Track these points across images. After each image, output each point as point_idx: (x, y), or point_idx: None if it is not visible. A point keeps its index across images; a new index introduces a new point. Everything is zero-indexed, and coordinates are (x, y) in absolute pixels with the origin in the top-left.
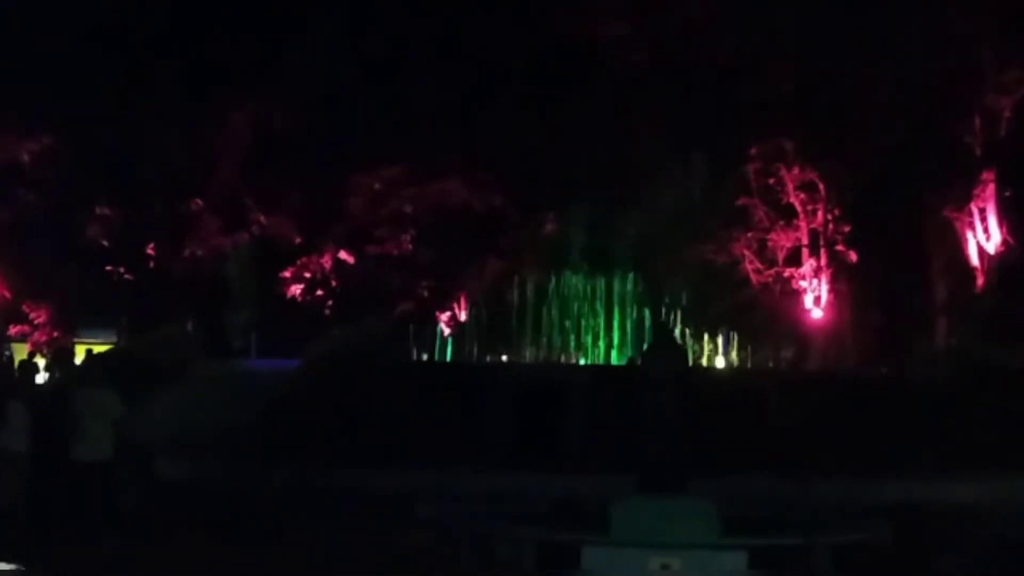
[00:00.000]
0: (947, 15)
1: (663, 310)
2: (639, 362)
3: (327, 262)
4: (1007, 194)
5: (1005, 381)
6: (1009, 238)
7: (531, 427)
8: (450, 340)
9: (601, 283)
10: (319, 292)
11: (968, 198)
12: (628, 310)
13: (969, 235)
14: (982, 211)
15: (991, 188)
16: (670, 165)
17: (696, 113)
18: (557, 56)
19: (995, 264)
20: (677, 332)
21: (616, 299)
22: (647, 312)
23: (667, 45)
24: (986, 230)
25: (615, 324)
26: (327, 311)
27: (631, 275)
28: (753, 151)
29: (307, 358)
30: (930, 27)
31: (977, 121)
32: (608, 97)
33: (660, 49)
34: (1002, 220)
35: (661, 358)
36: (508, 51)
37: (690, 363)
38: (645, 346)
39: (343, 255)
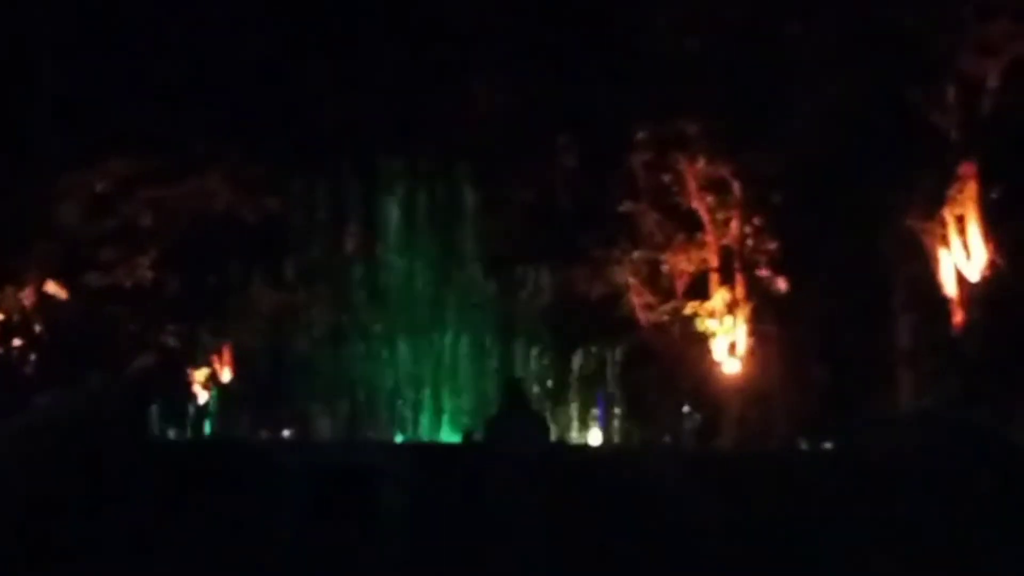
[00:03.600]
0: None
1: (514, 364)
2: (481, 437)
3: (28, 298)
4: (994, 196)
5: (1002, 456)
6: (997, 258)
7: (324, 535)
8: (210, 408)
9: (425, 327)
10: (16, 341)
11: (940, 201)
12: (464, 364)
13: (942, 253)
14: (960, 220)
15: (972, 187)
16: (522, 154)
17: (559, 79)
18: None
19: (978, 293)
20: (535, 393)
21: (447, 349)
22: (492, 366)
23: None
24: (965, 246)
25: (444, 384)
26: (27, 368)
27: (470, 313)
28: (640, 135)
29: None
30: None
31: (951, 93)
32: (433, 51)
33: None
34: (987, 232)
35: (514, 430)
36: None
37: (553, 438)
38: (491, 414)
39: (51, 287)
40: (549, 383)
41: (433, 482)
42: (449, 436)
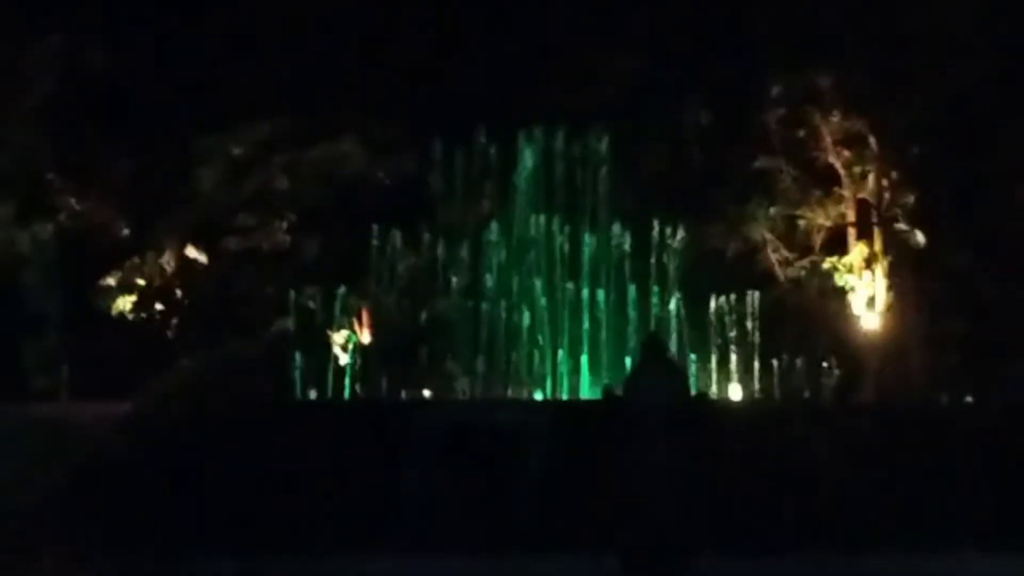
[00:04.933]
0: None
1: (651, 320)
2: (620, 393)
3: (168, 264)
4: None
5: None
6: None
7: (468, 489)
8: (349, 369)
9: (562, 285)
10: (157, 306)
11: None
12: (602, 321)
13: None
14: None
15: None
16: (655, 109)
17: (692, 34)
18: None
19: None
20: (673, 349)
21: (584, 306)
22: (630, 323)
23: None
24: None
25: (584, 340)
26: (169, 333)
27: (605, 272)
28: (775, 90)
29: (142, 399)
30: None
31: None
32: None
33: None
34: None
35: (653, 386)
36: None
37: (693, 393)
38: (629, 370)
39: (190, 252)
40: (688, 339)
41: (573, 437)
42: (589, 392)
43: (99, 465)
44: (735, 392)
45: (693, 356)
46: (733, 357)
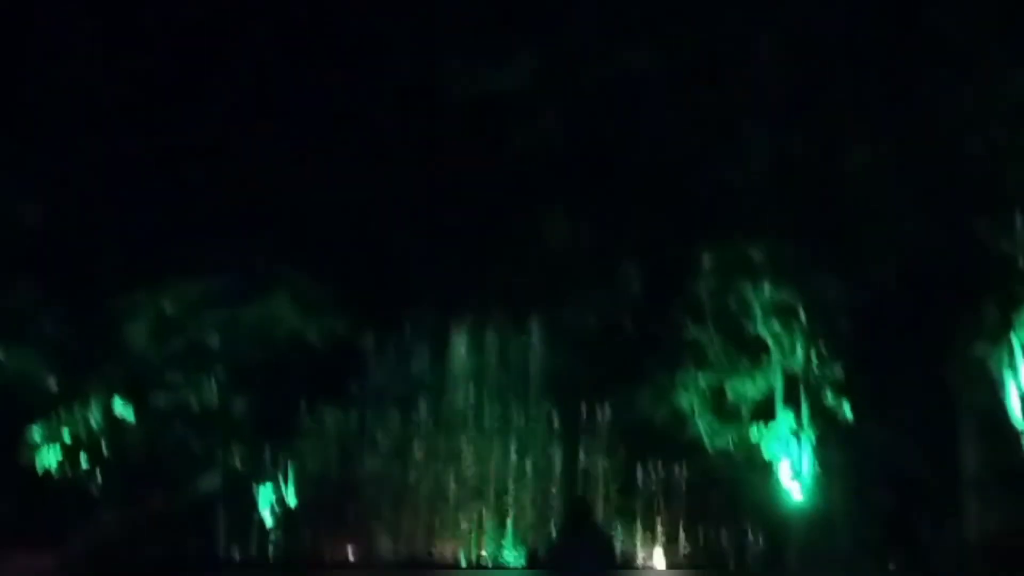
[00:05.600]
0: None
1: (578, 484)
2: (548, 559)
3: (95, 417)
4: None
5: None
6: None
7: None
8: (274, 527)
9: (488, 444)
10: (83, 461)
11: (1007, 328)
12: (531, 484)
13: (1009, 380)
14: None
15: None
16: (589, 281)
17: (626, 206)
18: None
19: None
20: (599, 514)
21: (513, 470)
22: (558, 486)
23: (581, 107)
24: None
25: (510, 504)
26: (94, 488)
27: (536, 438)
28: (707, 260)
29: (67, 553)
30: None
31: (1020, 221)
32: (503, 181)
33: (572, 113)
34: None
35: (582, 552)
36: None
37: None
38: (554, 535)
39: (118, 407)
40: (614, 503)
41: None
42: (513, 555)
43: None
44: (659, 559)
45: (619, 522)
46: (659, 524)
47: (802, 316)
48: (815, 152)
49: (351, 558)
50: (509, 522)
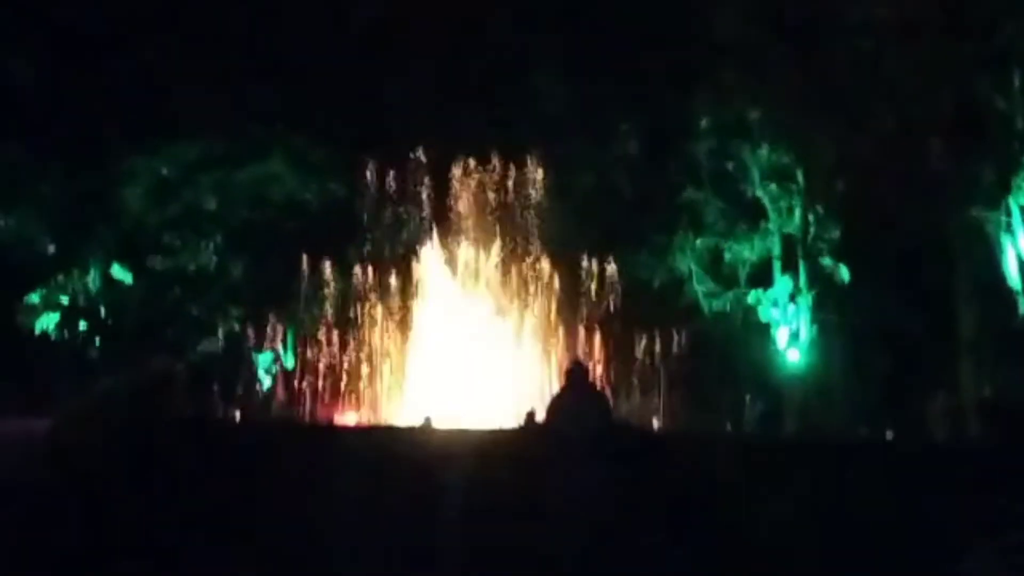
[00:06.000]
0: None
1: (577, 347)
2: (541, 418)
3: (93, 282)
4: None
5: None
6: None
7: (391, 516)
8: (272, 393)
9: (485, 308)
10: (81, 325)
11: (1005, 190)
12: (523, 346)
13: (1007, 243)
14: None
15: None
16: (587, 138)
17: (624, 63)
18: None
19: None
20: (596, 378)
21: (512, 332)
22: (552, 350)
23: None
24: None
25: (505, 368)
26: (92, 352)
27: (529, 296)
28: (704, 122)
29: (62, 416)
30: None
31: (1017, 79)
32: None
33: None
34: None
35: (576, 411)
36: None
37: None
38: (552, 397)
39: (116, 271)
40: (612, 368)
41: (491, 465)
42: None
43: (12, 483)
44: (655, 423)
45: (616, 386)
46: (655, 388)
47: (800, 179)
48: (813, 9)
49: (349, 421)
50: (506, 382)
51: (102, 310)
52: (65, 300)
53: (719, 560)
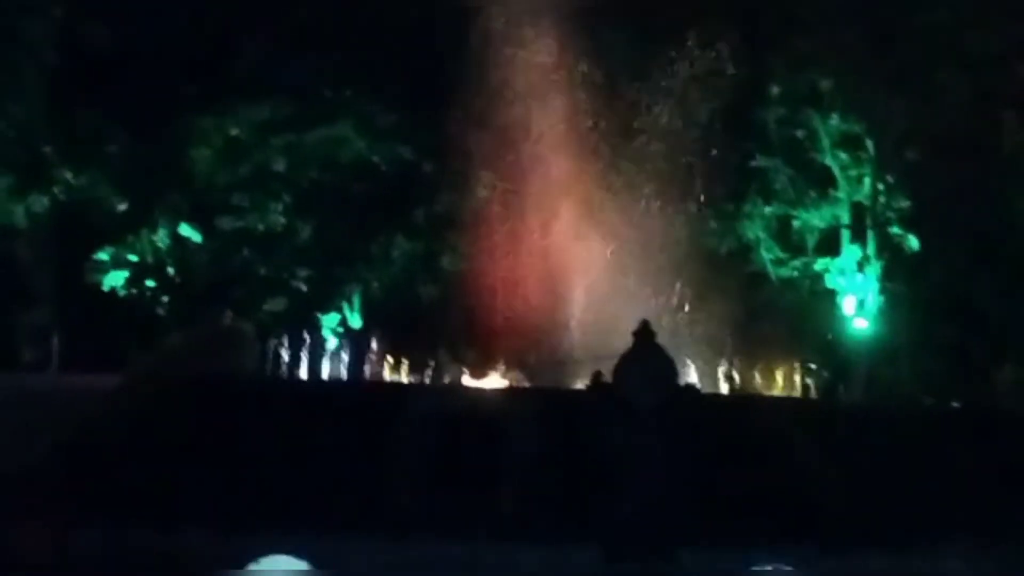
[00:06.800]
0: None
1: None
2: (610, 381)
3: (162, 240)
4: None
5: None
6: None
7: (456, 476)
8: (338, 352)
9: (550, 275)
10: (149, 283)
11: None
12: (598, 308)
13: None
14: None
15: None
16: (649, 104)
17: (694, 29)
18: None
19: None
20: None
21: (583, 293)
22: (625, 312)
23: None
24: None
25: (576, 328)
26: (161, 309)
27: (605, 260)
28: (775, 90)
29: (131, 372)
30: None
31: None
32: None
33: None
34: None
35: (643, 375)
36: None
37: (681, 383)
38: (619, 359)
39: (184, 231)
40: (680, 332)
41: (561, 426)
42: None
43: (86, 437)
44: (721, 389)
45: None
46: (723, 353)
47: (870, 148)
48: None
49: (417, 380)
50: (571, 345)
51: (170, 269)
52: (134, 258)
53: (786, 523)
